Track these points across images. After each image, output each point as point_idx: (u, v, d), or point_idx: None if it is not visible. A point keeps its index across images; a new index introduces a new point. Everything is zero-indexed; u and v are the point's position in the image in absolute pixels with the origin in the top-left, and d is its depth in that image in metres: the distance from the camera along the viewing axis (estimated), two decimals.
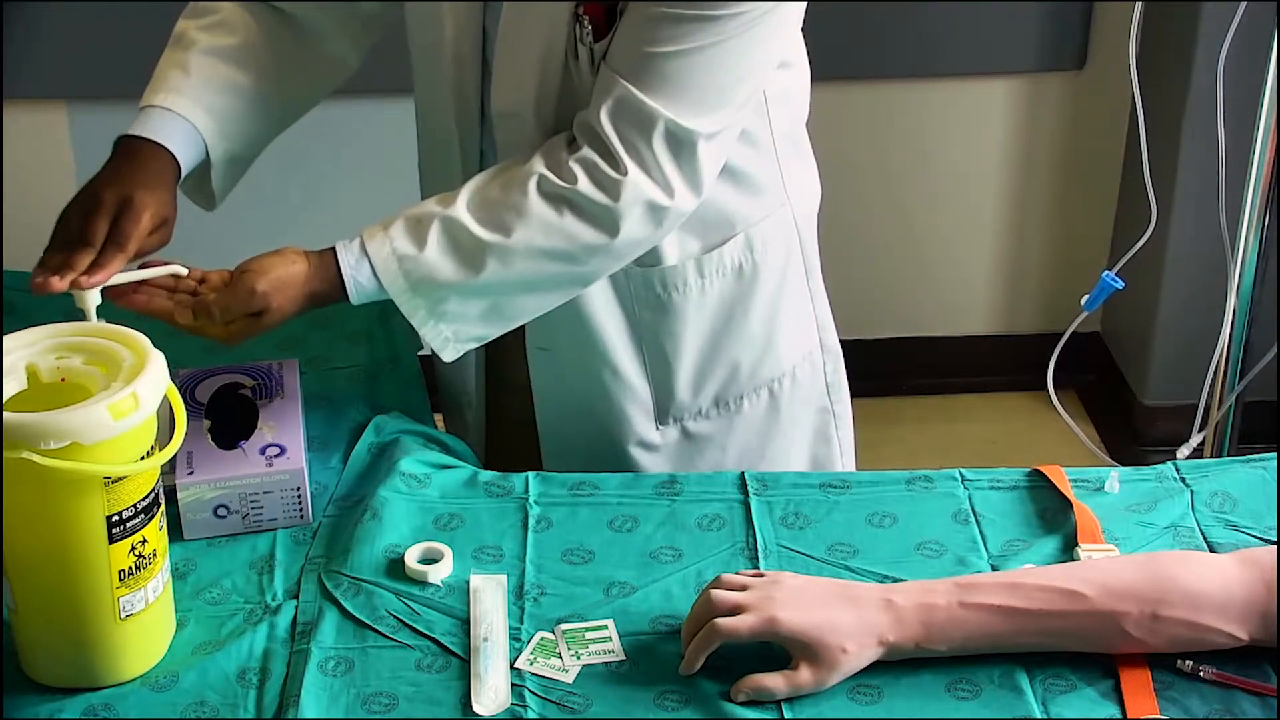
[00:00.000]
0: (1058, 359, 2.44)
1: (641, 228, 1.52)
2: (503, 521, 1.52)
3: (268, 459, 1.52)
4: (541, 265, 1.52)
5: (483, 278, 1.51)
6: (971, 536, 1.50)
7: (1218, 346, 2.58)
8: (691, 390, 1.72)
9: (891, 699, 1.30)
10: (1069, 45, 3.11)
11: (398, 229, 1.51)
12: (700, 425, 1.75)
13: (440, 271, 1.50)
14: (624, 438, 1.72)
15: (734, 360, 1.72)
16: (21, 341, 1.34)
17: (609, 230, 1.51)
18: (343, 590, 1.43)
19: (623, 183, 1.49)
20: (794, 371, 1.78)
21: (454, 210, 1.50)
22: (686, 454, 1.75)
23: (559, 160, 1.51)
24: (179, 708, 1.31)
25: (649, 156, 1.49)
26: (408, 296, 1.51)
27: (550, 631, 1.38)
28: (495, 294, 1.53)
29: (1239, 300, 2.54)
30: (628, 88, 1.47)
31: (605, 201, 1.49)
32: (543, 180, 1.50)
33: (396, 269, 1.50)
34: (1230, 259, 2.54)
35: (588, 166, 1.49)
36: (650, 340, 1.69)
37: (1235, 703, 1.29)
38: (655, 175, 1.50)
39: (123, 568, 1.31)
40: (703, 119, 1.49)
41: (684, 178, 1.51)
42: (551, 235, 1.50)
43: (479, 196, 1.52)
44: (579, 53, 1.52)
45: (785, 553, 1.48)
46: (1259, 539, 1.48)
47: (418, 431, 1.67)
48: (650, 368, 1.70)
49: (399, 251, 1.50)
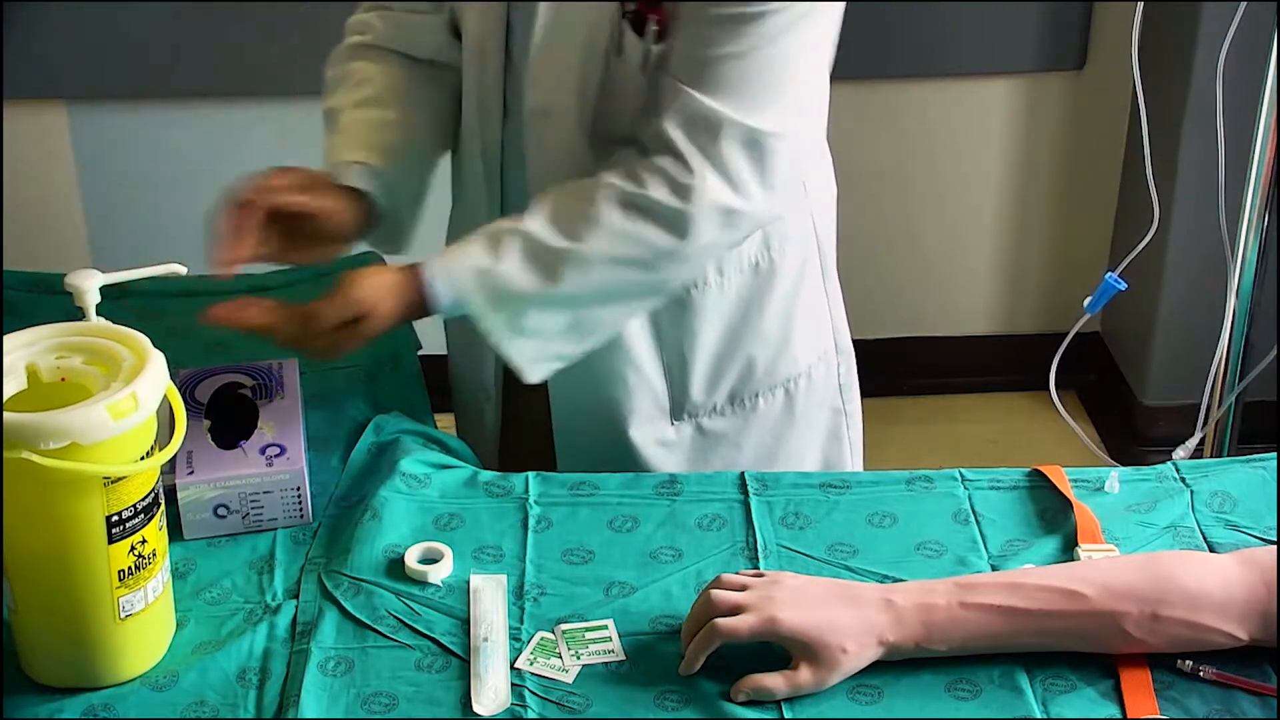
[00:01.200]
0: (1058, 359, 2.44)
1: (715, 231, 1.52)
2: (503, 521, 1.52)
3: (268, 459, 1.52)
4: (617, 273, 1.52)
5: (560, 288, 1.51)
6: (971, 536, 1.50)
7: (1218, 346, 2.58)
8: (707, 387, 1.72)
9: (891, 699, 1.30)
10: (1069, 45, 3.11)
11: (475, 243, 1.52)
12: (715, 423, 1.75)
13: (517, 282, 1.50)
14: (639, 436, 1.72)
15: (750, 358, 1.73)
16: (21, 341, 1.34)
17: (680, 234, 1.51)
18: (343, 590, 1.43)
19: (694, 186, 1.49)
20: (809, 372, 1.78)
21: (528, 223, 1.51)
22: (701, 452, 1.75)
23: (631, 168, 1.52)
24: (179, 708, 1.31)
25: (719, 160, 1.49)
26: (488, 310, 1.51)
27: (550, 631, 1.38)
28: (574, 306, 1.54)
29: (1239, 300, 2.54)
30: (691, 93, 1.48)
31: (677, 205, 1.50)
32: (614, 188, 1.51)
33: (475, 282, 1.50)
34: (1230, 259, 2.54)
35: (658, 172, 1.50)
36: (668, 337, 1.69)
37: (1235, 703, 1.29)
38: (727, 178, 1.50)
39: (122, 568, 1.31)
40: (768, 119, 1.50)
41: (757, 179, 1.51)
42: (625, 241, 1.51)
43: (552, 208, 1.52)
44: (624, 51, 1.52)
45: (785, 553, 1.48)
46: (1259, 539, 1.48)
47: (418, 431, 1.67)
48: (667, 364, 1.71)
49: (476, 265, 1.51)
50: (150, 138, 3.05)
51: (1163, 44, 2.91)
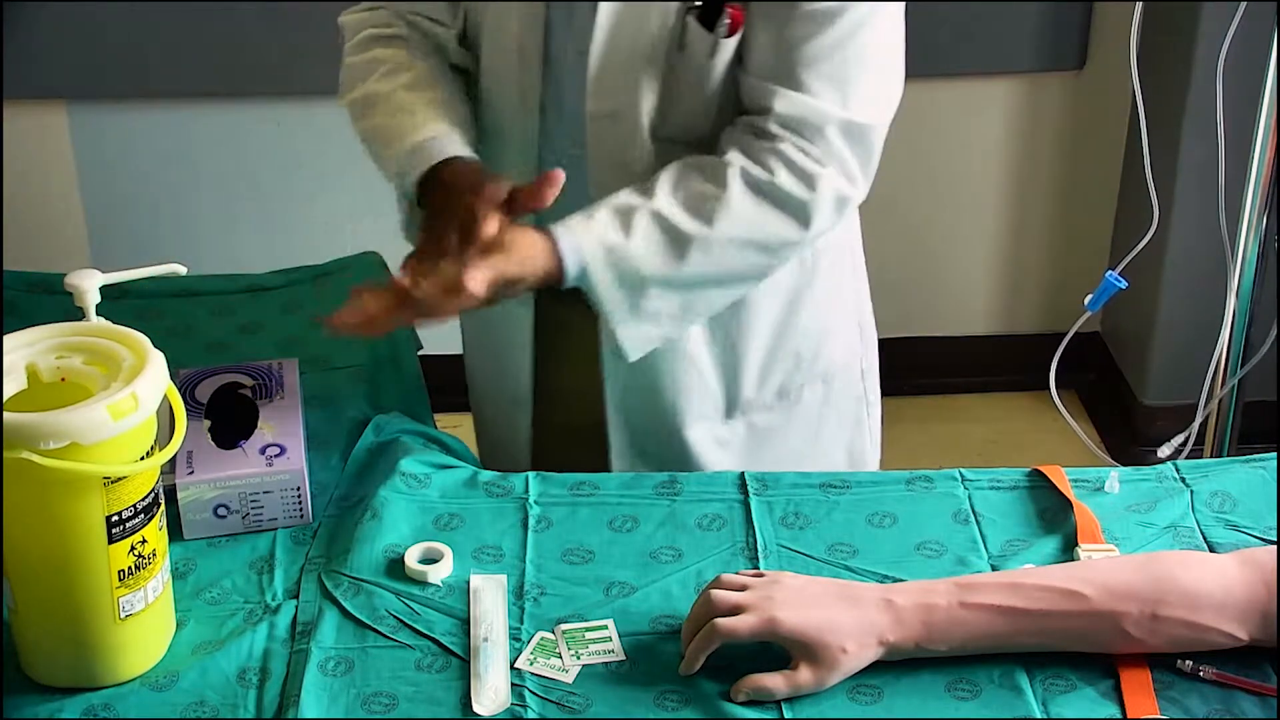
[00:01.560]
0: (1058, 359, 2.44)
1: (828, 220, 1.56)
2: (503, 521, 1.52)
3: (268, 459, 1.52)
4: (740, 256, 1.54)
5: (685, 270, 1.52)
6: (971, 536, 1.50)
7: (1217, 346, 2.58)
8: (758, 382, 1.73)
9: (891, 699, 1.30)
10: (1069, 45, 3.11)
11: (603, 218, 1.51)
12: (764, 417, 1.75)
13: (646, 263, 1.51)
14: (695, 435, 1.72)
15: (796, 350, 1.74)
16: (21, 341, 1.34)
17: (803, 222, 1.54)
18: (343, 590, 1.43)
19: (818, 175, 1.52)
20: (842, 358, 1.80)
21: (658, 202, 1.51)
22: (752, 447, 1.76)
23: (754, 152, 1.53)
24: (179, 708, 1.31)
25: (831, 152, 1.52)
26: (612, 288, 1.51)
27: (550, 631, 1.38)
28: (692, 288, 1.55)
29: (1239, 300, 2.54)
30: (788, 92, 1.51)
31: (802, 195, 1.52)
32: (744, 172, 1.52)
33: (603, 259, 1.50)
34: (1230, 259, 2.54)
35: (783, 159, 1.52)
36: (722, 333, 1.70)
37: (1235, 703, 1.29)
38: (843, 169, 1.53)
39: (122, 568, 1.31)
40: (864, 111, 1.53)
41: (862, 170, 1.55)
42: (752, 227, 1.52)
43: (681, 188, 1.53)
44: (686, 46, 1.53)
45: (785, 553, 1.48)
46: (1259, 539, 1.48)
47: (418, 431, 1.67)
48: (722, 362, 1.71)
49: (605, 241, 1.50)
50: (150, 138, 3.05)
51: (1163, 44, 2.91)
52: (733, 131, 1.56)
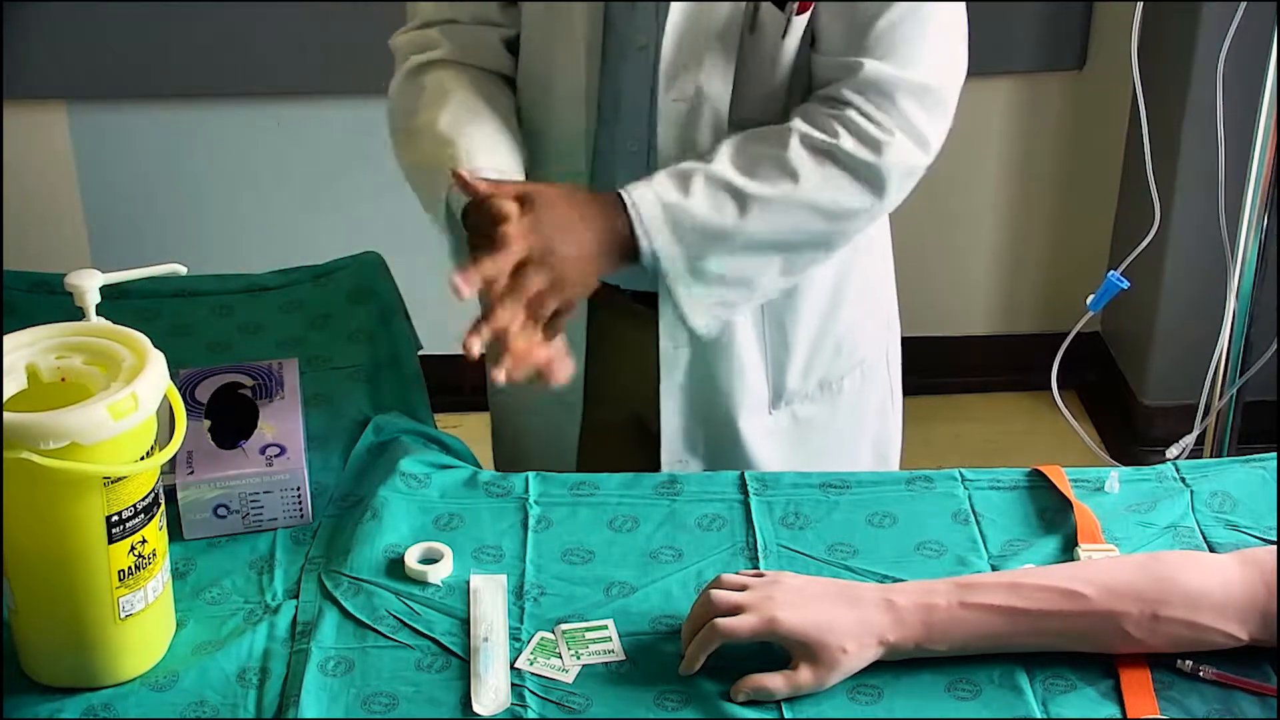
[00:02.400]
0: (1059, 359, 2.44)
1: (899, 188, 1.54)
2: (503, 521, 1.52)
3: (268, 459, 1.52)
4: (802, 220, 1.53)
5: (746, 228, 1.51)
6: (971, 536, 1.49)
7: (1218, 347, 2.57)
8: (803, 373, 1.73)
9: (891, 699, 1.30)
10: (1069, 45, 3.11)
11: (661, 180, 1.51)
12: (807, 408, 1.75)
13: (705, 219, 1.50)
14: (747, 426, 1.72)
15: (838, 340, 1.74)
16: (21, 341, 1.34)
17: (875, 190, 1.53)
18: (343, 590, 1.43)
19: (884, 142, 1.51)
20: (874, 348, 1.80)
21: (717, 164, 1.51)
22: (796, 438, 1.75)
23: (817, 117, 1.52)
24: (179, 708, 1.31)
25: (902, 117, 1.52)
26: (671, 243, 1.50)
27: (550, 631, 1.38)
28: (753, 252, 1.53)
29: (1239, 300, 2.54)
30: (859, 61, 1.50)
31: (869, 159, 1.51)
32: (806, 135, 1.51)
33: (661, 215, 1.49)
34: (1230, 259, 2.54)
35: (849, 124, 1.51)
36: (773, 324, 1.69)
37: (1235, 703, 1.29)
38: (912, 135, 1.52)
39: (122, 568, 1.31)
40: (935, 75, 1.53)
41: (935, 135, 1.54)
42: (814, 189, 1.51)
43: (740, 152, 1.52)
44: (757, 27, 1.53)
45: (785, 553, 1.48)
46: (1259, 539, 1.48)
47: (418, 431, 1.67)
48: (771, 352, 1.71)
49: (664, 198, 1.50)
50: (150, 138, 3.05)
51: (1163, 44, 2.91)
52: (802, 105, 1.56)
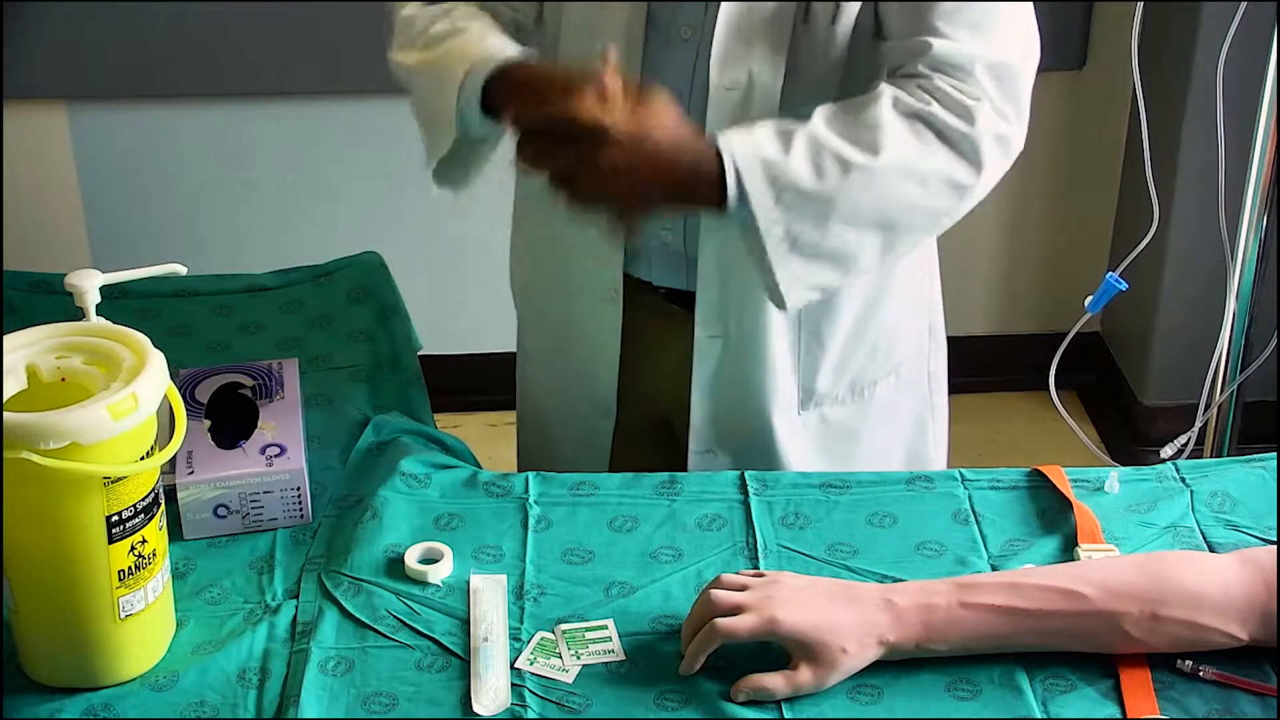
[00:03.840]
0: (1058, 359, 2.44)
1: (996, 159, 1.51)
2: (503, 521, 1.52)
3: (268, 459, 1.52)
4: (903, 190, 1.48)
5: (849, 194, 1.46)
6: (971, 536, 1.50)
7: (1217, 347, 2.57)
8: (834, 375, 1.72)
9: (891, 699, 1.30)
10: (1069, 45, 3.11)
11: (764, 134, 1.47)
12: (836, 411, 1.75)
13: (804, 180, 1.45)
14: (775, 423, 1.71)
15: (873, 344, 1.73)
16: (21, 341, 1.34)
17: (971, 160, 1.49)
18: (343, 590, 1.43)
19: (975, 107, 1.48)
20: (910, 354, 1.79)
21: (816, 127, 1.47)
22: (825, 440, 1.75)
23: (906, 86, 1.50)
24: (179, 708, 1.31)
25: (982, 91, 1.49)
26: (768, 205, 1.45)
27: (550, 631, 1.38)
28: (853, 223, 1.48)
29: (1239, 300, 2.54)
30: (929, 42, 1.49)
31: (962, 127, 1.48)
32: (898, 100, 1.49)
33: (760, 172, 1.45)
34: (1230, 259, 2.54)
35: (936, 92, 1.49)
36: (811, 322, 1.68)
37: (1235, 703, 1.29)
38: (995, 107, 1.50)
39: (122, 568, 1.31)
40: (1007, 50, 1.51)
41: (1015, 109, 1.51)
42: (914, 155, 1.48)
43: (837, 120, 1.49)
44: (810, 16, 1.52)
45: (785, 553, 1.48)
46: (1259, 539, 1.48)
47: (418, 431, 1.67)
48: (804, 352, 1.70)
49: (763, 153, 1.45)
50: (150, 138, 3.05)
51: (1163, 44, 2.91)
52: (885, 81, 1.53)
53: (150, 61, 2.96)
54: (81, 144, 3.04)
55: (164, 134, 3.05)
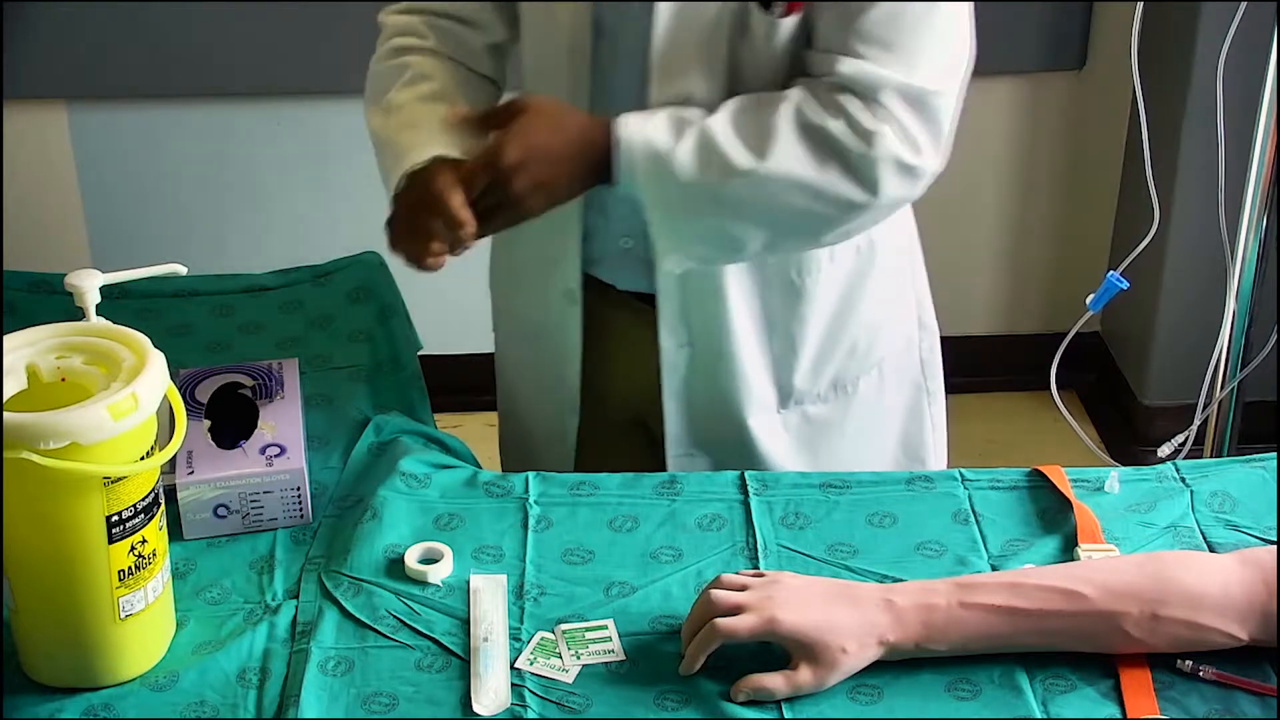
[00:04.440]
0: (1058, 359, 2.44)
1: (895, 186, 1.52)
2: (503, 521, 1.52)
3: (268, 459, 1.52)
4: (790, 197, 1.51)
5: (726, 190, 1.50)
6: (971, 536, 1.50)
7: (1217, 347, 2.57)
8: (812, 374, 1.72)
9: (891, 699, 1.30)
10: (1069, 45, 3.11)
11: (660, 121, 1.50)
12: (819, 408, 1.75)
13: (686, 173, 1.49)
14: (753, 425, 1.71)
15: (853, 341, 1.73)
16: (21, 341, 1.34)
17: (866, 185, 1.50)
18: (343, 590, 1.43)
19: (877, 133, 1.49)
20: (896, 348, 1.79)
21: (714, 122, 1.50)
22: (808, 437, 1.75)
23: (818, 92, 1.51)
24: (179, 708, 1.31)
25: (890, 116, 1.49)
26: (653, 189, 1.50)
27: (550, 631, 1.38)
28: (735, 218, 1.53)
29: (1238, 300, 2.54)
30: (848, 59, 1.49)
31: (859, 149, 1.49)
32: (800, 110, 1.50)
33: (647, 164, 1.49)
34: (1230, 259, 2.54)
35: (843, 111, 1.49)
36: (780, 326, 1.69)
37: (1235, 703, 1.29)
38: (901, 133, 1.50)
39: (122, 568, 1.31)
40: (926, 76, 1.50)
41: (926, 135, 1.51)
42: (804, 168, 1.49)
43: (737, 117, 1.51)
44: (748, 31, 1.52)
45: (785, 553, 1.48)
46: (1259, 539, 1.48)
47: (418, 431, 1.67)
48: (777, 354, 1.70)
49: (654, 144, 1.49)
50: (150, 138, 3.05)
51: (1163, 44, 2.91)
52: (803, 79, 1.54)
53: (150, 61, 2.96)
54: (81, 144, 3.04)
55: (164, 134, 3.06)
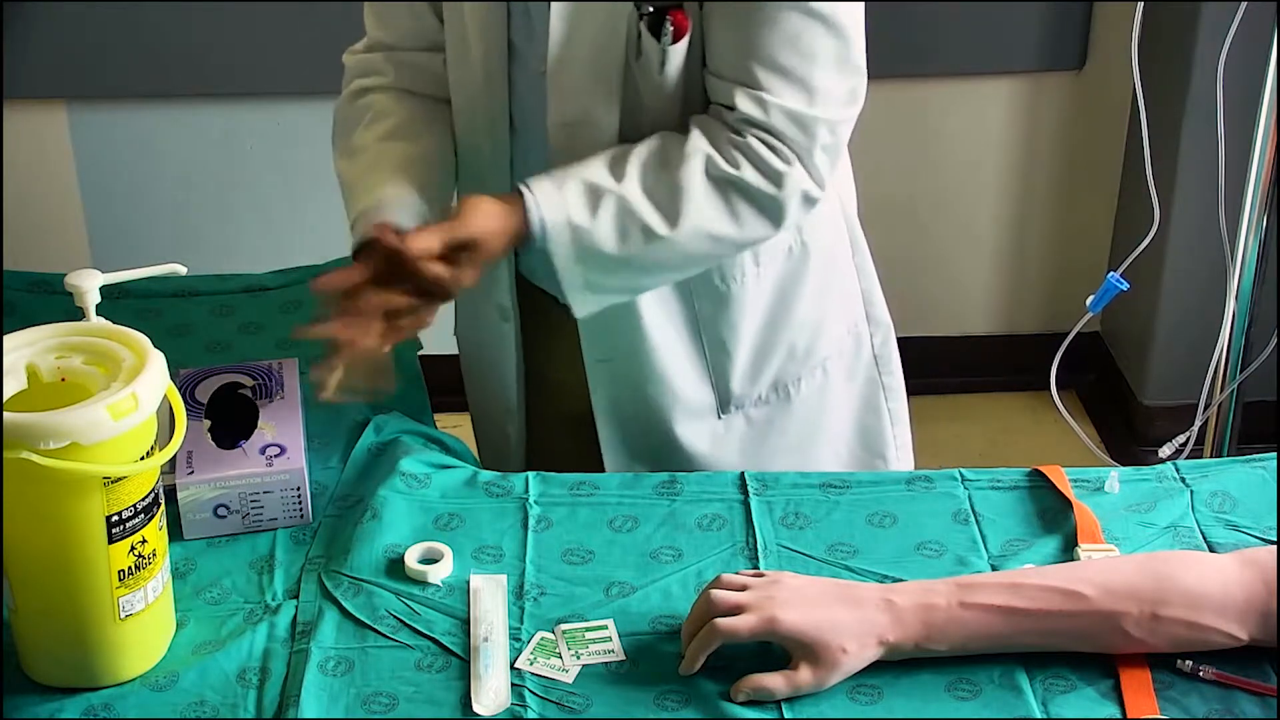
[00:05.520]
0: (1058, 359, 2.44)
1: (796, 216, 1.56)
2: (503, 521, 1.52)
3: (268, 459, 1.52)
4: (704, 247, 1.54)
5: (644, 255, 1.53)
6: (971, 536, 1.50)
7: (1217, 347, 2.57)
8: (751, 378, 1.73)
9: (891, 699, 1.30)
10: (1069, 45, 3.11)
11: (573, 194, 1.51)
12: (761, 411, 1.75)
13: (607, 246, 1.51)
14: (686, 432, 1.72)
15: (790, 343, 1.73)
16: (21, 341, 1.34)
17: (775, 221, 1.54)
18: (343, 590, 1.43)
19: (786, 174, 1.51)
20: (840, 346, 1.79)
21: (626, 188, 1.51)
22: (752, 440, 1.75)
23: (720, 142, 1.52)
24: (179, 708, 1.31)
25: (795, 149, 1.51)
26: (571, 262, 1.52)
27: (550, 631, 1.38)
28: (651, 272, 1.57)
29: (1238, 300, 2.54)
30: (747, 90, 1.50)
31: (770, 190, 1.52)
32: (710, 164, 1.51)
33: (569, 237, 1.51)
34: (1230, 259, 2.54)
35: (751, 155, 1.51)
36: (710, 333, 1.69)
37: (1235, 703, 1.29)
38: (807, 165, 1.53)
39: (122, 568, 1.31)
40: (823, 104, 1.51)
41: (828, 165, 1.54)
42: (719, 223, 1.52)
43: (650, 175, 1.52)
44: (643, 54, 1.53)
45: (785, 553, 1.48)
46: (1259, 539, 1.48)
47: (418, 431, 1.67)
48: (711, 361, 1.71)
49: (573, 220, 1.51)
50: (150, 138, 3.05)
51: (1163, 44, 2.91)
52: (703, 119, 1.55)
53: (150, 61, 2.96)
54: (81, 144, 3.04)
55: (164, 134, 3.05)
